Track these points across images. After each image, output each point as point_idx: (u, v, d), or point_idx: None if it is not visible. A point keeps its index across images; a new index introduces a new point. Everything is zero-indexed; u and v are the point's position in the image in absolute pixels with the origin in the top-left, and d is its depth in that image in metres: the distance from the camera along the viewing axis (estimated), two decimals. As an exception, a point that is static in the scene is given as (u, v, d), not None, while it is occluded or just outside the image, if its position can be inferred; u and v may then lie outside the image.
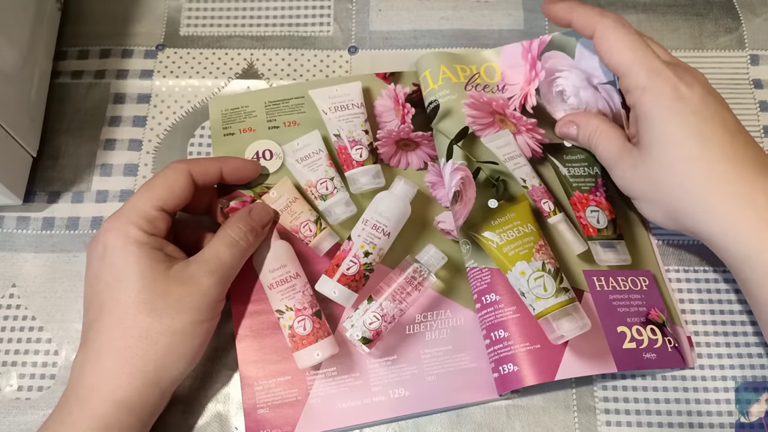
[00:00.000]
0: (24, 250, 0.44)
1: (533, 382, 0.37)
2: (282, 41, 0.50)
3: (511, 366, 0.38)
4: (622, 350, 0.38)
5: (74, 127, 0.47)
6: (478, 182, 0.42)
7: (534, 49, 0.46)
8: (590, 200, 0.42)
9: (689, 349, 0.40)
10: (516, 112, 0.44)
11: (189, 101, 0.48)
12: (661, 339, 0.39)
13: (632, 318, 0.39)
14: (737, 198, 0.35)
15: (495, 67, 0.46)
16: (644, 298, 0.40)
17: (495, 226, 0.40)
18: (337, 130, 0.44)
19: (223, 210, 0.43)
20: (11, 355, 0.41)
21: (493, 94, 0.45)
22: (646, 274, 0.41)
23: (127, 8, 0.51)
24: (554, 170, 0.43)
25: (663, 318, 0.40)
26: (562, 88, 0.45)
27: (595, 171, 0.43)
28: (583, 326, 0.38)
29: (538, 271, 0.38)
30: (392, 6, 0.51)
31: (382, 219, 0.41)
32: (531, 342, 0.38)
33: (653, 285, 0.41)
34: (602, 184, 0.43)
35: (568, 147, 0.44)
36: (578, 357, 0.38)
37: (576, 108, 0.45)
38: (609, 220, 0.42)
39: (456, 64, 0.45)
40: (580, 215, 0.42)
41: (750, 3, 0.51)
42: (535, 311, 0.38)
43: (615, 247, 0.42)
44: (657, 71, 0.37)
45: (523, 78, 0.46)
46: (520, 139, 0.44)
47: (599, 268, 0.41)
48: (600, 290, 0.40)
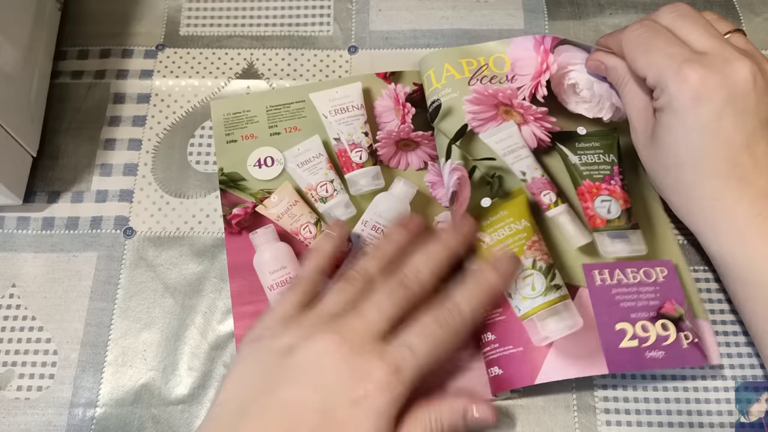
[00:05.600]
0: (24, 250, 0.44)
1: (513, 386, 0.36)
2: (282, 41, 0.50)
3: (497, 369, 0.37)
4: (618, 350, 0.37)
5: (74, 127, 0.47)
6: (473, 181, 0.41)
7: (547, 42, 0.45)
8: (602, 189, 0.41)
9: (714, 344, 0.38)
10: (525, 101, 0.44)
11: (189, 101, 0.48)
12: (674, 335, 0.37)
13: (639, 313, 0.38)
14: (716, 209, 0.36)
15: (505, 57, 0.45)
16: (659, 291, 0.38)
17: (486, 225, 0.39)
18: (337, 134, 0.44)
19: (226, 217, 0.43)
20: (11, 355, 0.41)
21: (501, 84, 0.44)
22: (665, 265, 0.39)
23: (127, 8, 0.51)
24: (562, 159, 0.42)
25: (681, 311, 0.38)
26: (575, 81, 0.44)
27: (611, 158, 0.42)
28: (573, 326, 0.37)
29: (527, 269, 0.38)
30: (392, 6, 0.51)
31: (382, 220, 0.41)
32: (514, 344, 0.37)
33: (673, 275, 0.39)
34: (619, 172, 0.42)
35: (582, 135, 0.43)
36: (564, 358, 0.36)
37: (588, 101, 0.44)
38: (623, 210, 0.40)
39: (461, 58, 0.45)
40: (587, 205, 0.41)
41: (750, 2, 0.50)
42: (520, 312, 0.37)
43: (627, 237, 0.40)
44: (675, 73, 0.35)
45: (534, 69, 0.45)
46: (526, 130, 0.43)
47: (603, 261, 0.39)
48: (601, 284, 0.38)
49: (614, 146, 0.43)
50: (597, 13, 0.51)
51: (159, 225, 0.44)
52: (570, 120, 0.44)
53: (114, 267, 0.43)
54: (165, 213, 0.45)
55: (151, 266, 0.43)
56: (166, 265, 0.43)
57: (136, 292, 0.43)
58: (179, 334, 0.41)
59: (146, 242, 0.44)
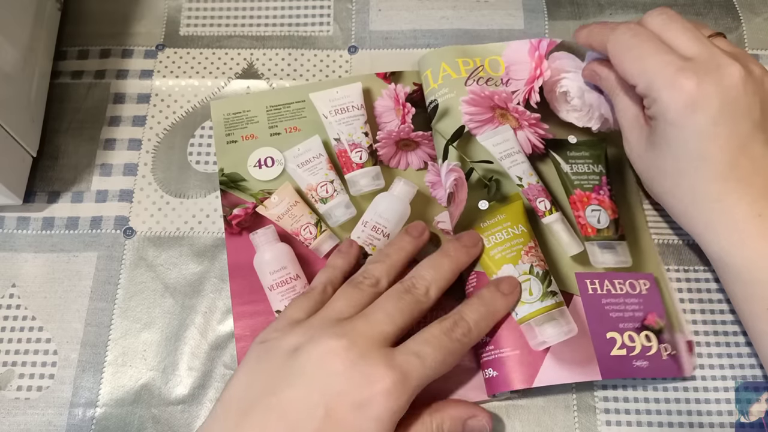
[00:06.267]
0: (24, 250, 0.44)
1: (509, 388, 0.37)
2: (282, 41, 0.50)
3: (491, 371, 0.37)
4: (610, 357, 0.37)
5: (74, 127, 0.47)
6: (470, 183, 0.41)
7: (543, 47, 0.46)
8: (592, 199, 0.42)
9: (688, 357, 0.39)
10: (519, 106, 0.44)
11: (189, 101, 0.48)
12: (656, 346, 0.38)
13: (626, 323, 0.39)
14: (715, 211, 0.36)
15: (500, 60, 0.46)
16: (642, 303, 0.39)
17: (484, 228, 0.40)
18: (337, 134, 0.44)
19: (227, 218, 0.43)
20: (11, 355, 0.41)
21: (496, 87, 0.44)
22: (647, 278, 0.40)
23: (127, 8, 0.51)
24: (555, 167, 0.43)
25: (661, 324, 0.39)
26: (566, 89, 0.45)
27: (600, 169, 0.43)
28: (568, 332, 0.37)
29: (524, 274, 0.38)
30: (392, 6, 0.51)
31: (382, 220, 0.41)
32: (511, 347, 0.37)
33: (654, 289, 0.40)
34: (607, 183, 0.42)
35: (573, 143, 0.43)
36: (560, 363, 0.37)
37: (579, 109, 0.44)
38: (611, 220, 0.41)
39: (458, 57, 0.45)
40: (579, 214, 0.41)
41: (750, 2, 0.50)
42: (517, 316, 0.37)
43: (614, 248, 0.41)
44: (668, 82, 0.35)
45: (528, 75, 0.45)
46: (521, 135, 0.43)
47: (594, 270, 0.40)
48: (592, 294, 0.39)
49: (602, 157, 0.43)
50: (597, 13, 0.51)
51: (159, 225, 0.44)
52: (561, 128, 0.44)
53: (114, 267, 0.43)
54: (165, 213, 0.45)
55: (151, 266, 0.43)
56: (166, 265, 0.43)
57: (136, 292, 0.43)
58: (179, 334, 0.42)
59: (146, 242, 0.44)
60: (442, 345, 0.34)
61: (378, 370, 0.32)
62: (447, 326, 0.35)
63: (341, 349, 0.32)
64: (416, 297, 0.35)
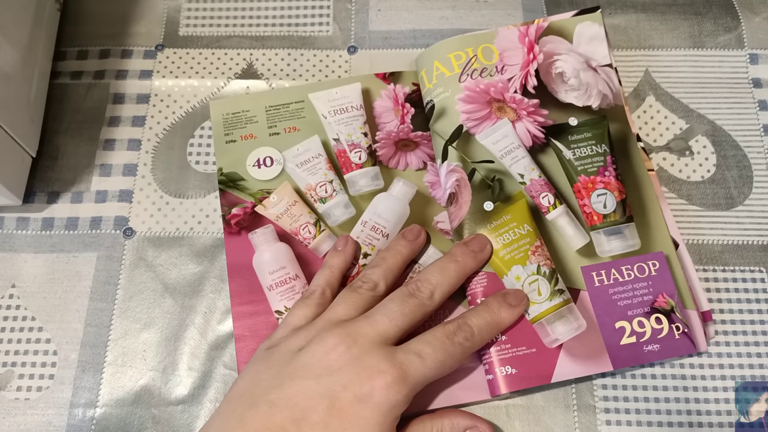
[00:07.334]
0: (23, 251, 0.44)
1: (531, 384, 0.38)
2: (281, 41, 0.50)
3: (509, 368, 0.38)
4: (620, 347, 0.38)
5: (73, 127, 0.47)
6: (474, 184, 0.41)
7: (531, 33, 0.45)
8: (597, 183, 0.41)
9: (701, 333, 0.39)
10: (516, 94, 0.43)
11: (188, 101, 0.48)
12: (667, 327, 0.39)
13: (635, 310, 0.39)
14: None
15: (492, 48, 0.45)
16: (651, 285, 0.39)
17: (492, 229, 0.40)
18: (337, 134, 0.44)
19: (225, 217, 0.43)
20: (11, 355, 0.41)
21: (491, 77, 0.44)
22: (656, 257, 0.40)
23: (126, 8, 0.51)
24: (557, 155, 0.42)
25: (672, 303, 0.39)
26: (561, 70, 0.44)
27: (603, 148, 0.42)
28: (578, 328, 0.38)
29: (533, 275, 0.38)
30: (392, 6, 0.51)
31: (381, 220, 0.41)
32: (527, 346, 0.38)
33: (664, 267, 0.40)
34: (612, 162, 0.42)
35: (574, 126, 0.43)
36: (573, 359, 0.38)
37: (577, 88, 0.44)
38: (618, 203, 0.41)
39: (450, 53, 0.44)
40: (584, 203, 0.41)
41: (749, 2, 0.50)
42: (530, 316, 0.38)
43: (622, 232, 0.40)
44: None
45: (522, 60, 0.45)
46: (520, 127, 0.43)
47: (600, 261, 0.40)
48: (599, 286, 0.40)
49: (605, 135, 0.43)
50: (596, 13, 0.51)
51: (159, 225, 0.44)
52: (561, 111, 0.43)
53: (114, 267, 0.43)
54: (165, 213, 0.45)
55: (151, 266, 0.43)
56: (166, 265, 0.43)
57: (136, 292, 0.43)
58: (179, 335, 0.42)
59: (146, 242, 0.44)
60: (443, 347, 0.34)
61: (379, 366, 0.32)
62: (450, 329, 0.35)
63: (344, 346, 0.33)
64: (420, 300, 0.36)
